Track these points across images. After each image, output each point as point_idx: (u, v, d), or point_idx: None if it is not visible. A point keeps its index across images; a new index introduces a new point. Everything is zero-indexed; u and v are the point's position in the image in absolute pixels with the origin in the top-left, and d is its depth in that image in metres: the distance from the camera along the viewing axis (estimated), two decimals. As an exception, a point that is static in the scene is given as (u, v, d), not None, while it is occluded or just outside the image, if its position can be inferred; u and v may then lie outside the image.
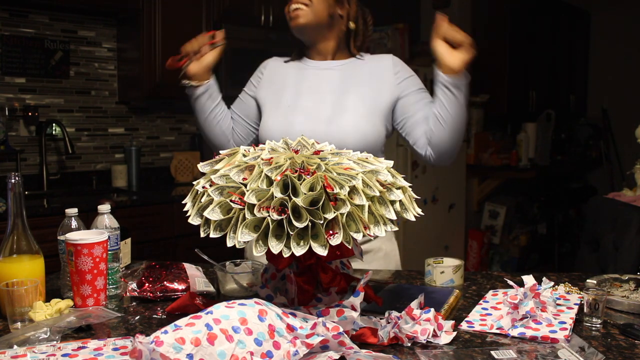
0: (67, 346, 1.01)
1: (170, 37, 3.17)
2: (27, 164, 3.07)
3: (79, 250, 1.21)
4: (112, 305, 1.28)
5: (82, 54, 3.23)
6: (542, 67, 5.41)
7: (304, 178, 1.00)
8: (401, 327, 1.03)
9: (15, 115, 3.01)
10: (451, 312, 1.22)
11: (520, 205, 5.28)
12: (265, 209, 0.97)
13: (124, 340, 1.04)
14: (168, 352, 0.82)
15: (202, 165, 1.13)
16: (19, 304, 1.12)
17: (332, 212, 0.96)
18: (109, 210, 1.38)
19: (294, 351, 0.91)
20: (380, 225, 1.00)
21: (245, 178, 1.02)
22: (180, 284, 1.33)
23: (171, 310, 1.21)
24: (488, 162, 4.85)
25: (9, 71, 2.97)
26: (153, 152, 3.57)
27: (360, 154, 1.14)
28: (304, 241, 0.97)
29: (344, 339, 0.94)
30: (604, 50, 6.02)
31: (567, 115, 5.83)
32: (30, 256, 1.23)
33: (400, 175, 1.11)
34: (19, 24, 2.99)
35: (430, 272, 1.43)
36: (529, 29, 5.14)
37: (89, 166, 3.31)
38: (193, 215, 1.05)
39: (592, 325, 1.13)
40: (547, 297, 1.15)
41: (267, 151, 1.11)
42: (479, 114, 4.86)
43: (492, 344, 1.05)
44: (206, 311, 0.91)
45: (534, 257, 5.34)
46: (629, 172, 2.56)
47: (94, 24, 3.26)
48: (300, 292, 1.13)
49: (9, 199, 1.21)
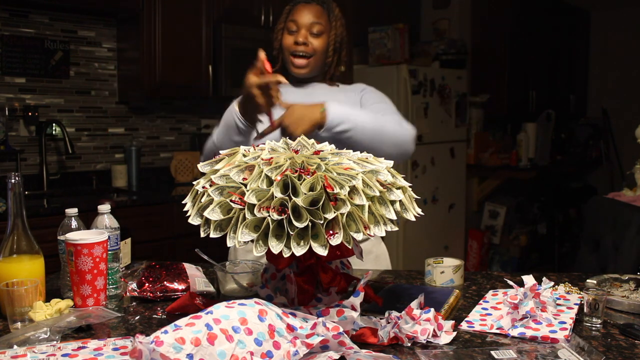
0: (67, 346, 1.01)
1: (170, 37, 3.18)
2: (27, 164, 3.07)
3: (79, 250, 1.21)
4: (112, 305, 1.28)
5: (82, 54, 3.23)
6: (542, 67, 5.41)
7: (304, 178, 1.00)
8: (401, 327, 1.03)
9: (15, 115, 3.01)
10: (451, 312, 1.22)
11: (520, 205, 5.28)
12: (265, 209, 0.97)
13: (124, 340, 1.04)
14: (168, 352, 0.82)
15: (202, 165, 1.13)
16: (19, 304, 1.12)
17: (332, 212, 0.96)
18: (109, 210, 1.38)
19: (294, 351, 0.91)
20: (380, 225, 1.00)
21: (245, 178, 1.02)
22: (180, 284, 1.33)
23: (171, 310, 1.21)
24: (488, 162, 4.85)
25: (9, 71, 2.97)
26: (153, 152, 3.57)
27: (360, 154, 1.14)
28: (304, 241, 0.97)
29: (344, 339, 0.94)
30: (604, 50, 6.02)
31: (567, 115, 5.83)
32: (30, 256, 1.23)
33: (400, 175, 1.11)
34: (19, 24, 2.99)
35: (430, 272, 1.43)
36: (529, 29, 5.14)
37: (89, 166, 3.31)
38: (193, 215, 1.05)
39: (592, 325, 1.13)
40: (547, 297, 1.15)
41: (267, 151, 1.11)
42: (479, 114, 4.86)
43: (492, 344, 1.05)
44: (206, 311, 0.91)
45: (534, 257, 5.34)
46: (629, 172, 2.56)
47: (94, 24, 3.26)
48: (300, 292, 1.13)
49: (9, 199, 1.21)
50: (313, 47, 1.66)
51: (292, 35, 1.67)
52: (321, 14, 1.68)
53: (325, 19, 1.68)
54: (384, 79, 3.98)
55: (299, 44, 1.65)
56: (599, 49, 6.08)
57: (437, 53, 4.59)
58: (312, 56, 1.67)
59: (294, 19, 1.67)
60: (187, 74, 3.28)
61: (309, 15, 1.66)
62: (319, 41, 1.66)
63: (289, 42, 1.67)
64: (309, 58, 1.67)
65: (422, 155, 4.10)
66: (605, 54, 6.01)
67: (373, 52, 4.31)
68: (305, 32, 1.66)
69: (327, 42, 1.68)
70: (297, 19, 1.67)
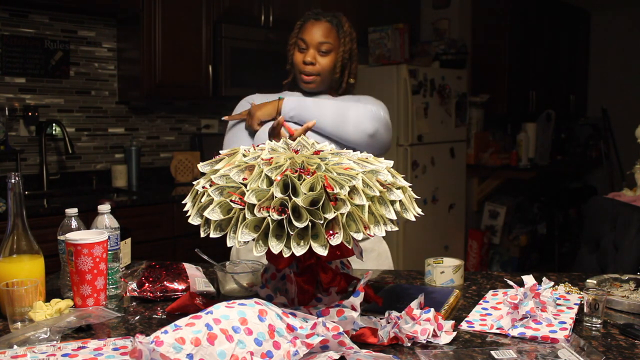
0: (67, 346, 1.01)
1: (170, 37, 3.18)
2: (27, 164, 3.07)
3: (79, 250, 1.21)
4: (112, 305, 1.28)
5: (82, 54, 3.23)
6: (542, 67, 5.41)
7: (304, 178, 1.00)
8: (401, 327, 1.03)
9: (15, 115, 3.01)
10: (451, 312, 1.22)
11: (520, 205, 5.28)
12: (265, 209, 0.97)
13: (124, 340, 1.04)
14: (168, 352, 0.82)
15: (202, 165, 1.13)
16: (19, 304, 1.12)
17: (332, 212, 0.96)
18: (109, 210, 1.38)
19: (294, 351, 0.91)
20: (380, 225, 1.00)
21: (246, 178, 1.02)
22: (180, 284, 1.33)
23: (171, 310, 1.21)
24: (488, 162, 4.85)
25: (9, 71, 2.97)
26: (153, 152, 3.57)
27: (360, 154, 1.14)
28: (304, 241, 0.97)
29: (344, 339, 0.94)
30: (604, 50, 6.02)
31: (567, 115, 5.83)
32: (30, 256, 1.23)
33: (400, 175, 1.11)
34: (19, 24, 2.99)
35: (430, 272, 1.43)
36: (529, 29, 5.14)
37: (89, 166, 3.31)
38: (193, 215, 1.05)
39: (592, 325, 1.13)
40: (547, 297, 1.15)
41: (267, 151, 1.11)
42: (479, 114, 4.86)
43: (492, 344, 1.05)
44: (206, 311, 0.91)
45: (534, 257, 5.34)
46: (629, 172, 2.56)
47: (94, 24, 3.26)
48: (300, 292, 1.13)
49: (9, 199, 1.21)
50: (321, 66, 1.72)
51: (301, 53, 1.73)
52: (330, 32, 1.72)
53: (334, 36, 1.73)
54: (384, 79, 3.98)
55: (307, 64, 1.72)
56: (599, 49, 6.08)
57: (437, 53, 4.59)
58: (319, 74, 1.73)
59: (303, 37, 1.73)
60: (187, 74, 3.28)
61: (318, 34, 1.71)
62: (326, 60, 1.72)
63: (299, 60, 1.74)
64: (317, 75, 1.73)
65: (422, 155, 4.10)
66: (605, 54, 6.01)
67: (373, 52, 4.31)
68: (313, 52, 1.71)
69: (336, 59, 1.74)
70: (306, 37, 1.72)
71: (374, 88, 3.72)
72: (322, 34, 1.71)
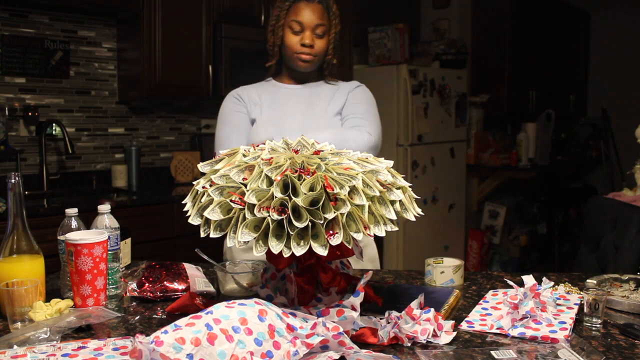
0: (67, 346, 1.01)
1: (170, 37, 3.18)
2: (27, 164, 3.07)
3: (79, 250, 1.21)
4: (112, 305, 1.28)
5: (82, 54, 3.23)
6: (542, 67, 5.41)
7: (304, 178, 1.00)
8: (401, 327, 1.03)
9: (15, 115, 3.01)
10: (451, 312, 1.22)
11: (520, 205, 5.28)
12: (265, 209, 0.97)
13: (124, 340, 1.04)
14: (168, 352, 0.82)
15: (202, 165, 1.13)
16: (19, 304, 1.12)
17: (332, 212, 0.96)
18: (109, 210, 1.38)
19: (294, 351, 0.91)
20: (380, 225, 1.00)
21: (246, 178, 1.02)
22: (180, 284, 1.33)
23: (171, 310, 1.21)
24: (488, 162, 4.85)
25: (9, 71, 2.97)
26: (153, 152, 3.57)
27: (359, 154, 1.14)
28: (304, 241, 0.97)
29: (344, 339, 0.94)
30: (604, 50, 6.02)
31: (567, 115, 5.83)
32: (30, 256, 1.23)
33: (400, 175, 1.11)
34: (19, 24, 2.99)
35: (430, 272, 1.43)
36: (529, 29, 5.14)
37: (89, 166, 3.31)
38: (193, 215, 1.05)
39: (592, 325, 1.13)
40: (547, 297, 1.15)
41: (267, 151, 1.11)
42: (479, 114, 4.86)
43: (492, 344, 1.05)
44: (206, 311, 0.91)
45: (534, 257, 5.34)
46: (629, 172, 2.56)
47: (94, 24, 3.26)
48: (300, 292, 1.13)
49: (9, 199, 1.21)
50: (318, 47, 1.72)
51: (296, 35, 1.70)
52: (323, 14, 1.71)
53: (326, 18, 1.72)
54: (384, 79, 3.98)
55: (305, 46, 1.70)
56: (599, 49, 6.08)
57: (437, 53, 4.59)
58: (316, 55, 1.72)
59: (298, 19, 1.69)
60: (187, 74, 3.28)
61: (313, 17, 1.69)
62: (322, 42, 1.72)
63: (294, 42, 1.70)
64: (314, 56, 1.72)
65: (422, 155, 4.10)
66: (605, 54, 6.01)
67: (373, 52, 4.31)
68: (310, 34, 1.70)
69: (329, 41, 1.74)
70: (301, 19, 1.69)
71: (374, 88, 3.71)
72: (317, 17, 1.69)
